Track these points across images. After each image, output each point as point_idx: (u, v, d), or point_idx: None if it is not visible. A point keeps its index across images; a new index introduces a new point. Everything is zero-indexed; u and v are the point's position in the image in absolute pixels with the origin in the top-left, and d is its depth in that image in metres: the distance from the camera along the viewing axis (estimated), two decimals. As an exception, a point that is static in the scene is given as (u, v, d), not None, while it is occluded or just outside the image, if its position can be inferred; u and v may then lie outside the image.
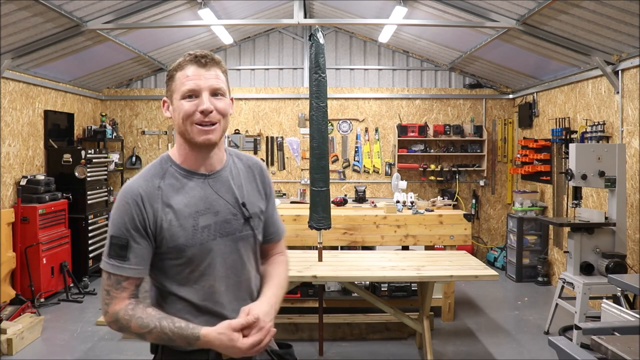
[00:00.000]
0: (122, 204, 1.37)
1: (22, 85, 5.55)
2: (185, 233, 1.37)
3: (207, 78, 1.38)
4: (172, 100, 1.43)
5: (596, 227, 4.29)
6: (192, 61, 1.39)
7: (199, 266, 1.40)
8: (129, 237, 1.35)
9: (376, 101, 7.53)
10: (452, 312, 4.86)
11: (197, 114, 1.37)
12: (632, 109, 4.65)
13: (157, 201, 1.37)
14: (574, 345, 1.87)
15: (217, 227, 1.42)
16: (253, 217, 1.49)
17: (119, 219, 1.37)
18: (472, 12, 5.05)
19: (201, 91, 1.38)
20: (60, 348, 4.21)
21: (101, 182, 6.48)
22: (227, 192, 1.46)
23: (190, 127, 1.38)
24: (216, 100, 1.39)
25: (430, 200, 5.74)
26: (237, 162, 1.54)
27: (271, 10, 6.54)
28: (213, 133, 1.39)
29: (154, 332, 1.33)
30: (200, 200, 1.41)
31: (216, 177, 1.46)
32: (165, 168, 1.43)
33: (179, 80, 1.39)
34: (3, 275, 4.93)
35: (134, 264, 1.36)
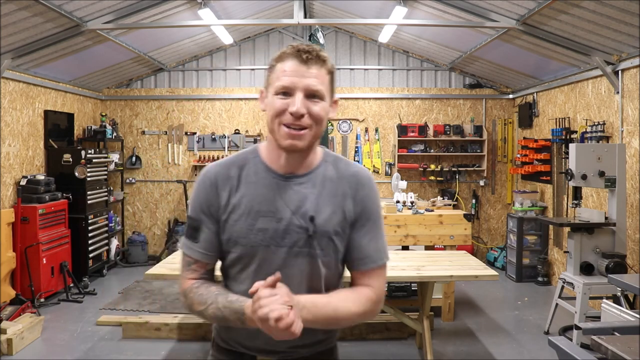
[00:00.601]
0: (198, 186, 1.36)
1: (22, 85, 5.55)
2: (239, 229, 1.31)
3: (305, 77, 1.24)
4: (267, 92, 1.32)
5: (596, 227, 4.29)
6: (293, 54, 1.26)
7: (246, 269, 1.34)
8: (200, 219, 1.33)
9: (376, 101, 7.53)
10: (452, 312, 4.86)
11: (287, 114, 1.24)
12: (632, 109, 4.65)
13: (226, 189, 1.33)
14: (574, 345, 1.87)
15: (274, 235, 1.30)
16: (321, 235, 1.31)
17: (194, 201, 1.36)
18: (472, 12, 5.05)
19: (295, 90, 1.24)
20: (60, 348, 4.21)
21: (101, 182, 6.48)
22: (298, 201, 1.31)
23: (278, 127, 1.26)
24: (311, 103, 1.25)
25: (430, 200, 5.74)
26: (330, 170, 1.37)
27: (271, 10, 6.54)
28: (301, 139, 1.25)
29: (210, 308, 1.27)
30: (265, 201, 1.31)
31: (293, 182, 1.33)
32: (249, 159, 1.37)
33: (276, 73, 1.27)
34: (3, 275, 4.93)
35: (203, 248, 1.34)
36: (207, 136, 7.47)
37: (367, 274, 1.36)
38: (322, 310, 1.25)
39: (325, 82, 1.28)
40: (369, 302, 1.33)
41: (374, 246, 1.37)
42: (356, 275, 1.38)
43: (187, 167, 7.50)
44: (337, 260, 1.36)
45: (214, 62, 7.57)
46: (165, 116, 7.53)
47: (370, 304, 1.33)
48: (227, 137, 7.42)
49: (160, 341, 4.29)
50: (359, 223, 1.36)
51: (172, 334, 4.37)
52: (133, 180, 7.52)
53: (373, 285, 1.36)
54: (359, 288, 1.35)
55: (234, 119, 7.50)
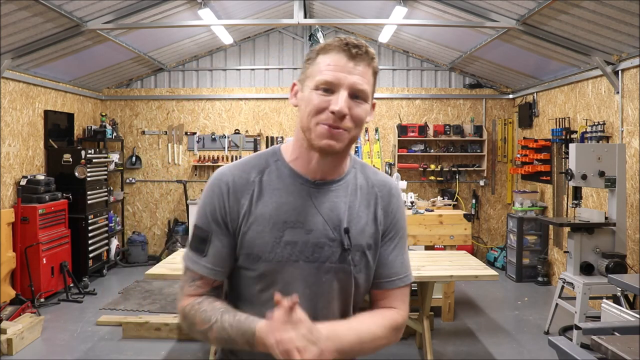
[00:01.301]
0: (208, 191, 1.19)
1: (22, 85, 5.55)
2: (263, 243, 1.14)
3: (351, 73, 1.11)
4: (303, 87, 1.16)
5: (596, 227, 4.29)
6: (340, 47, 1.12)
7: (269, 289, 1.15)
8: (211, 230, 1.17)
9: (376, 101, 7.51)
10: (452, 312, 4.86)
11: (327, 112, 1.10)
12: (632, 109, 4.65)
13: (246, 196, 1.16)
14: (574, 345, 1.87)
15: (304, 249, 1.15)
16: (355, 249, 1.18)
17: (202, 208, 1.19)
18: (472, 12, 5.05)
19: (340, 87, 1.10)
20: (60, 348, 4.21)
21: (101, 182, 6.48)
22: (331, 210, 1.18)
23: (314, 126, 1.11)
24: (354, 103, 1.12)
25: (430, 200, 5.75)
26: (360, 178, 1.25)
27: (271, 10, 6.54)
28: (339, 140, 1.11)
29: (215, 327, 1.11)
30: (293, 210, 1.16)
31: (324, 189, 1.19)
32: (269, 162, 1.21)
33: (319, 66, 1.13)
34: (3, 275, 4.93)
35: (211, 263, 1.17)
36: (207, 136, 7.47)
37: (393, 293, 1.25)
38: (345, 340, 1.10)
39: (370, 82, 1.16)
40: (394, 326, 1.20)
41: (400, 262, 1.26)
42: (380, 295, 1.25)
43: (187, 167, 7.50)
44: (369, 277, 1.22)
45: (214, 62, 7.57)
46: (165, 116, 7.53)
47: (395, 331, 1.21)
48: (227, 137, 7.42)
49: (160, 341, 4.29)
50: (388, 237, 1.25)
51: (172, 334, 4.37)
52: (133, 180, 7.52)
53: (399, 307, 1.24)
54: (383, 311, 1.22)
55: (234, 119, 7.50)
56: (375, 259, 1.23)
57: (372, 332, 1.15)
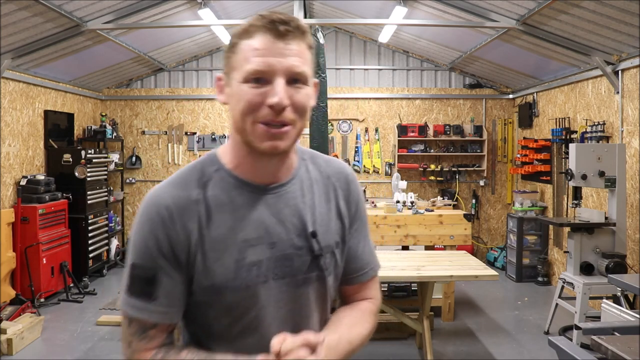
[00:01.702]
0: (145, 220, 0.98)
1: (22, 85, 5.55)
2: (224, 270, 0.97)
3: (285, 55, 0.93)
4: (229, 80, 0.98)
5: (596, 227, 4.29)
6: (265, 27, 0.94)
7: (242, 319, 1.00)
8: (157, 267, 0.96)
9: (376, 101, 7.53)
10: (452, 312, 4.86)
11: (264, 108, 0.92)
12: (632, 109, 4.65)
13: (193, 219, 0.97)
14: (574, 345, 1.87)
15: (272, 265, 1.00)
16: (325, 252, 1.05)
17: (141, 242, 0.97)
18: (472, 12, 5.05)
19: (274, 75, 0.93)
20: (60, 348, 4.21)
21: (101, 182, 6.48)
22: (292, 216, 1.03)
23: (251, 126, 0.94)
24: (294, 90, 0.94)
25: (430, 200, 5.74)
26: (312, 170, 1.11)
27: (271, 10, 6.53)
28: (283, 138, 0.95)
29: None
30: (251, 225, 0.99)
31: (279, 193, 1.03)
32: (209, 174, 1.01)
33: (243, 53, 0.95)
34: (3, 275, 4.93)
35: (165, 305, 0.97)
36: (207, 136, 7.47)
37: (367, 285, 1.18)
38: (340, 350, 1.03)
39: (308, 61, 0.97)
40: (373, 317, 1.17)
41: (368, 252, 1.18)
42: (354, 290, 1.17)
43: (187, 167, 7.49)
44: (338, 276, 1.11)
45: (214, 62, 7.57)
46: (165, 116, 7.53)
47: (374, 319, 1.17)
48: (227, 137, 7.42)
49: (160, 341, 4.29)
50: (354, 228, 1.14)
51: (172, 334, 4.36)
52: (133, 180, 7.52)
53: (374, 296, 1.19)
54: (360, 304, 1.16)
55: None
56: (343, 256, 1.11)
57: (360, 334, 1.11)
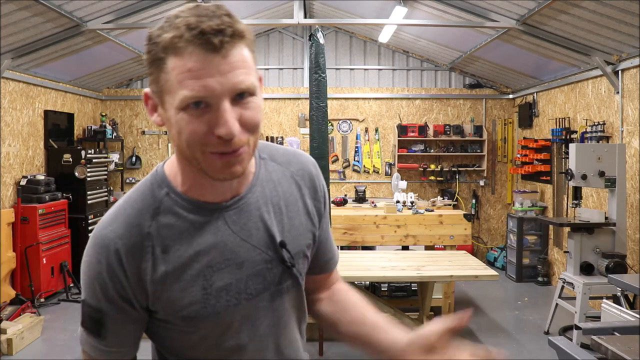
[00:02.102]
0: (93, 262, 0.90)
1: (22, 85, 5.55)
2: (191, 300, 0.89)
3: (225, 72, 0.79)
4: (162, 103, 0.85)
5: (596, 227, 4.29)
6: (195, 42, 0.79)
7: (219, 342, 0.94)
8: (102, 310, 0.90)
9: (376, 101, 7.53)
10: (452, 312, 4.86)
11: (212, 137, 0.80)
12: (632, 109, 4.65)
13: (147, 257, 0.87)
14: (574, 345, 1.87)
15: (242, 287, 0.92)
16: (297, 258, 0.99)
17: (89, 282, 0.91)
18: (472, 12, 5.05)
19: (217, 98, 0.79)
20: (60, 348, 4.21)
21: (101, 182, 6.48)
22: (257, 229, 0.94)
23: (202, 156, 0.82)
24: (242, 107, 0.82)
25: (430, 200, 5.75)
26: (273, 170, 1.00)
27: (271, 10, 6.54)
28: (240, 162, 0.84)
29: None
30: (214, 249, 0.90)
31: (239, 207, 0.93)
32: (160, 199, 0.90)
33: (175, 72, 0.79)
34: (3, 275, 4.93)
35: (114, 345, 0.93)
36: (207, 136, 7.46)
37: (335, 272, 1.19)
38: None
39: (252, 67, 0.84)
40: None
41: (332, 241, 1.16)
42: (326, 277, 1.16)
43: (187, 167, 7.50)
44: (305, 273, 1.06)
45: (214, 62, 7.56)
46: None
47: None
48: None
49: (160, 341, 4.29)
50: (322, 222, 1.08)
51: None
52: (133, 180, 7.52)
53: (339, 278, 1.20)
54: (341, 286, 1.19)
55: (234, 119, 7.49)
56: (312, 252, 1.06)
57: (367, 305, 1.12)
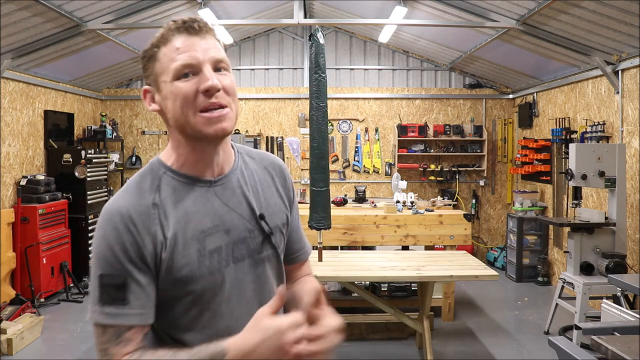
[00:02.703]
0: (108, 230, 1.01)
1: (22, 85, 5.55)
2: (188, 261, 1.03)
3: (205, 47, 1.03)
4: (158, 87, 1.07)
5: (596, 227, 4.29)
6: (179, 29, 1.03)
7: (210, 304, 1.06)
8: (125, 273, 0.99)
9: (376, 101, 7.53)
10: (452, 312, 4.86)
11: (199, 96, 1.01)
12: (632, 109, 4.65)
13: (154, 223, 1.03)
14: (574, 345, 1.87)
15: (230, 250, 1.08)
16: (274, 231, 1.16)
17: (107, 251, 1.00)
18: (472, 12, 5.05)
19: (201, 64, 1.02)
20: (60, 348, 4.21)
21: (101, 182, 6.48)
22: (240, 203, 1.12)
23: (193, 118, 1.02)
24: (221, 76, 1.04)
25: (430, 200, 5.74)
26: (249, 162, 1.21)
27: (271, 10, 6.54)
28: (226, 120, 1.03)
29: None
30: (205, 216, 1.07)
31: (224, 183, 1.12)
32: (159, 176, 1.09)
33: (166, 56, 1.04)
34: (3, 275, 4.93)
35: (138, 307, 1.00)
36: (207, 136, 7.45)
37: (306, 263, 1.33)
38: None
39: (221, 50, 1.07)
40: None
41: (302, 232, 1.32)
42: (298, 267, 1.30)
43: (187, 167, 7.49)
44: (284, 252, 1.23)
45: (214, 62, 7.56)
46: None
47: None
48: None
49: (160, 341, 4.29)
50: (293, 211, 1.27)
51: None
52: (133, 180, 7.51)
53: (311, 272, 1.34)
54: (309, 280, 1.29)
55: (234, 119, 7.49)
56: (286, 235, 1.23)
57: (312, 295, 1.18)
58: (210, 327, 1.07)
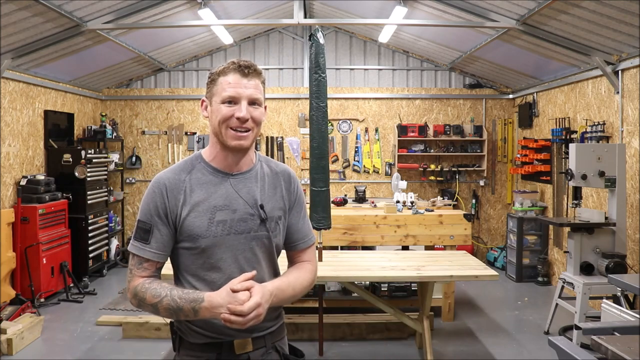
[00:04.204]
0: (150, 192, 1.51)
1: (22, 85, 5.55)
2: (200, 224, 1.47)
3: (247, 87, 1.47)
4: (211, 102, 1.52)
5: (596, 227, 4.29)
6: (235, 69, 1.48)
7: (211, 258, 1.49)
8: (153, 223, 1.48)
9: (376, 101, 7.53)
10: (452, 312, 4.86)
11: (233, 119, 1.46)
12: (632, 109, 4.65)
13: (180, 192, 1.49)
14: (574, 345, 1.87)
15: (233, 224, 1.50)
16: (270, 220, 1.55)
17: (145, 206, 1.50)
18: (472, 12, 5.05)
19: (240, 99, 1.47)
20: (60, 348, 4.21)
21: (101, 182, 6.48)
22: (248, 193, 1.54)
23: (225, 130, 1.48)
24: (253, 109, 1.48)
25: (430, 200, 5.74)
26: (265, 168, 1.62)
27: (271, 10, 6.53)
28: (246, 139, 1.49)
29: (165, 300, 1.41)
30: (220, 197, 1.50)
31: (240, 178, 1.55)
32: (194, 164, 1.54)
33: (221, 85, 1.48)
34: (3, 275, 4.93)
35: (155, 248, 1.48)
36: (207, 136, 7.47)
37: (306, 251, 1.68)
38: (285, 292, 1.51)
39: (261, 91, 1.52)
40: (313, 274, 1.65)
41: (307, 227, 1.69)
42: (297, 254, 1.67)
43: (187, 167, 7.49)
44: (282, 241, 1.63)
45: (214, 62, 7.57)
46: (165, 116, 7.53)
47: (313, 275, 1.65)
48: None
49: (160, 341, 4.29)
50: (295, 210, 1.65)
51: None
52: (133, 180, 7.52)
53: (311, 259, 1.69)
54: (303, 264, 1.66)
55: (234, 119, 7.49)
56: (285, 227, 1.62)
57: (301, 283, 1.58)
58: (208, 275, 1.50)
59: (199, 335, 1.50)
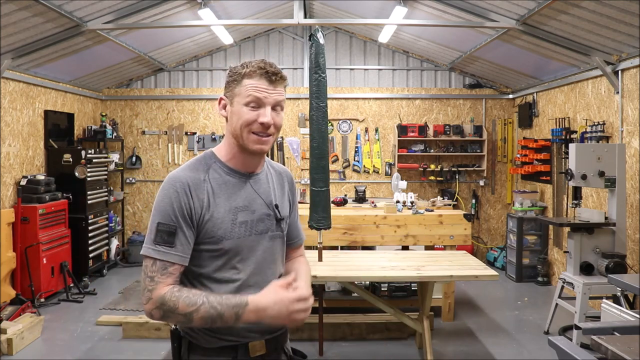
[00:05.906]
0: (170, 191, 1.41)
1: (22, 85, 5.55)
2: (224, 226, 1.44)
3: (272, 94, 1.45)
4: (232, 102, 1.47)
5: (596, 227, 4.29)
6: (263, 75, 1.44)
7: (232, 259, 1.46)
8: (177, 224, 1.39)
9: (376, 101, 7.53)
10: (452, 312, 4.86)
11: (256, 123, 1.44)
12: (632, 109, 4.65)
13: (204, 192, 1.43)
14: (574, 345, 1.87)
15: (253, 225, 1.50)
16: (284, 219, 1.59)
17: (167, 206, 1.40)
18: (472, 12, 5.05)
19: (265, 104, 1.44)
20: (60, 348, 4.21)
21: (101, 182, 6.48)
22: (264, 193, 1.55)
23: (247, 134, 1.45)
24: (275, 114, 1.47)
25: (430, 200, 5.74)
26: (271, 169, 1.64)
27: (271, 10, 6.54)
28: (267, 144, 1.48)
29: (202, 308, 1.33)
30: (240, 198, 1.49)
31: (256, 179, 1.55)
32: (210, 164, 1.50)
33: (246, 87, 1.44)
34: (3, 275, 4.93)
35: (181, 251, 1.40)
36: (207, 136, 7.47)
37: (301, 247, 1.79)
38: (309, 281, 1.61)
39: (284, 95, 1.51)
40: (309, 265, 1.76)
41: (300, 226, 1.79)
42: (293, 251, 1.75)
43: (187, 167, 7.49)
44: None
45: (214, 62, 7.57)
46: (165, 116, 7.53)
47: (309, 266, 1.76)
48: (227, 137, 7.41)
49: (160, 341, 4.29)
50: (294, 209, 1.72)
51: (172, 334, 4.35)
52: (133, 180, 7.52)
53: (304, 254, 1.81)
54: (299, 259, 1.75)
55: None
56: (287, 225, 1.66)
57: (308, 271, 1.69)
58: (228, 277, 1.46)
59: (214, 340, 1.45)
